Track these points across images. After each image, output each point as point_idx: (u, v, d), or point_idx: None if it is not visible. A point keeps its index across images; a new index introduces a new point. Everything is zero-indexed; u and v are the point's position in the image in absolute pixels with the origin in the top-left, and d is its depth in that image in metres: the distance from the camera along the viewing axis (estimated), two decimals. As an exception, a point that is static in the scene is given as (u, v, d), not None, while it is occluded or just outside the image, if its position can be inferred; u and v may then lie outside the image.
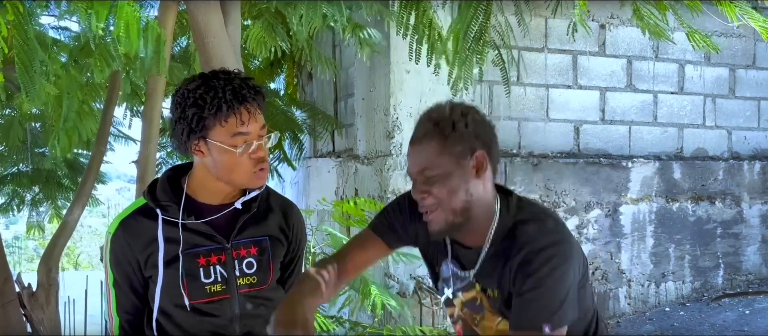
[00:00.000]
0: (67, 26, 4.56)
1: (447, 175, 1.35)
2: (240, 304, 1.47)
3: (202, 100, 1.35)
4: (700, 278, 5.05)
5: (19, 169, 5.82)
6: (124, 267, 1.44)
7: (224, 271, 1.45)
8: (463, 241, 1.44)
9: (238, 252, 1.46)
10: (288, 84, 5.84)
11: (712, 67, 5.27)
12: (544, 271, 1.33)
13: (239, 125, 1.37)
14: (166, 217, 1.42)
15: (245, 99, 1.37)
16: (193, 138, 1.38)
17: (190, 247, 1.42)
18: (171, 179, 1.48)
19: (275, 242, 1.51)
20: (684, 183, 4.99)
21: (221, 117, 1.35)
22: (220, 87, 1.35)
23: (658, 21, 2.38)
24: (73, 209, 4.64)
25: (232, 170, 1.40)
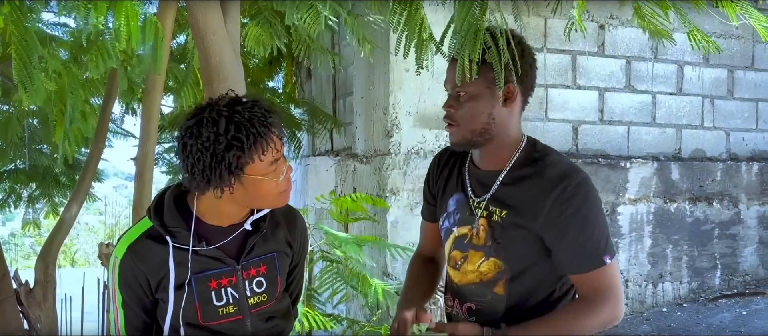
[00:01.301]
0: (65, 22, 4.56)
1: (475, 97, 1.44)
2: (252, 323, 1.47)
3: (238, 140, 1.29)
4: (697, 279, 5.06)
5: (16, 166, 5.81)
6: (134, 289, 1.42)
7: (235, 293, 1.44)
8: (481, 164, 1.52)
9: (247, 272, 1.45)
10: (287, 82, 5.84)
11: (711, 68, 5.28)
12: (588, 207, 1.40)
13: (275, 153, 1.35)
14: (176, 245, 1.39)
15: (273, 125, 1.34)
16: (228, 180, 1.32)
17: (200, 271, 1.41)
18: (177, 200, 1.43)
19: (282, 256, 1.51)
20: (682, 184, 5.00)
21: (260, 151, 1.32)
22: (246, 121, 1.30)
23: (661, 20, 2.38)
24: (71, 206, 4.63)
25: (265, 197, 1.39)
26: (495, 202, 1.46)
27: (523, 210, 1.42)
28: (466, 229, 1.50)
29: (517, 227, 1.43)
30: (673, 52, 5.09)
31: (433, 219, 1.64)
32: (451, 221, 1.54)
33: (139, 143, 3.47)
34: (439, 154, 1.65)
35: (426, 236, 1.71)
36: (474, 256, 1.49)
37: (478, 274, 1.48)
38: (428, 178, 1.65)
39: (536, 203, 1.40)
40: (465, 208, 1.51)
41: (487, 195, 1.47)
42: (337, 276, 3.39)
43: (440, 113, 4.90)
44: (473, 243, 1.49)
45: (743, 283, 5.17)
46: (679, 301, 4.96)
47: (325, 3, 2.48)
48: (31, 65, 1.68)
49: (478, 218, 1.47)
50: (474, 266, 1.49)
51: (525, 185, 1.43)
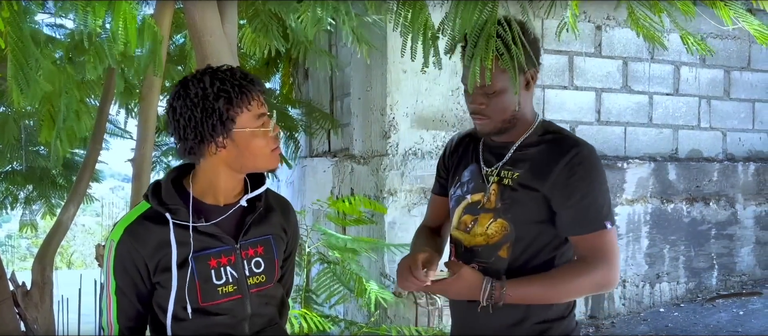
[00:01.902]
0: (62, 24, 4.55)
1: (504, 90, 1.54)
2: (251, 303, 1.48)
3: (225, 91, 1.36)
4: (694, 279, 5.07)
5: (13, 167, 5.79)
6: (130, 274, 1.41)
7: (235, 272, 1.45)
8: (497, 139, 1.62)
9: (246, 252, 1.47)
10: (284, 83, 5.84)
11: (707, 69, 5.29)
12: (595, 174, 1.52)
13: (260, 106, 1.41)
14: (176, 221, 1.40)
15: (255, 82, 1.42)
16: (221, 132, 1.37)
17: (200, 250, 1.42)
18: (174, 182, 1.46)
19: (278, 240, 1.53)
20: (679, 184, 5.01)
21: (247, 102, 1.38)
22: (231, 77, 1.38)
23: (653, 24, 2.38)
24: (68, 208, 4.61)
25: (256, 155, 1.42)
26: (507, 167, 1.58)
27: (534, 171, 1.54)
28: (479, 196, 1.60)
29: (527, 188, 1.53)
30: (669, 53, 5.10)
31: (443, 193, 1.76)
32: (465, 189, 1.64)
33: (136, 145, 3.47)
34: (457, 137, 1.77)
35: (434, 209, 1.82)
36: (483, 219, 1.59)
37: (485, 237, 1.58)
38: (444, 155, 1.77)
39: (548, 165, 1.52)
40: (478, 177, 1.62)
41: (500, 163, 1.59)
42: (335, 277, 3.39)
43: (437, 114, 4.89)
44: (485, 207, 1.59)
45: (740, 283, 5.19)
46: (677, 302, 4.97)
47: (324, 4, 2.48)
48: (28, 67, 1.67)
49: (490, 184, 1.59)
50: (483, 228, 1.58)
51: (538, 150, 1.57)
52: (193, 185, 1.46)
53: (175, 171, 1.50)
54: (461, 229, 1.63)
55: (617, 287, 4.84)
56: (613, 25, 4.98)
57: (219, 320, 1.45)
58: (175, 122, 1.38)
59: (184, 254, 1.40)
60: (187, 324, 1.43)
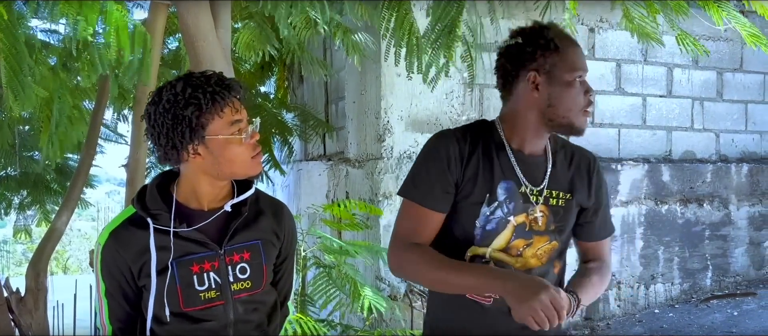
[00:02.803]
0: (55, 29, 4.54)
1: None
2: (234, 309, 1.46)
3: (195, 98, 1.35)
4: (688, 280, 5.09)
5: (7, 173, 5.78)
6: (116, 277, 1.42)
7: (218, 278, 1.44)
8: (526, 150, 1.54)
9: (231, 258, 1.45)
10: (278, 87, 5.84)
11: (700, 71, 5.32)
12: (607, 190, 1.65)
13: (234, 113, 1.39)
14: (157, 226, 1.40)
15: (232, 89, 1.40)
16: (193, 139, 1.36)
17: (182, 255, 1.41)
18: (160, 186, 1.46)
19: (268, 245, 1.51)
20: (673, 185, 5.03)
21: (218, 109, 1.37)
22: (205, 83, 1.37)
23: (648, 23, 2.40)
24: (62, 214, 4.61)
25: (233, 161, 1.41)
26: (552, 186, 1.54)
27: (579, 190, 1.57)
28: (523, 217, 1.51)
29: (574, 207, 1.56)
30: (662, 55, 5.13)
31: (448, 209, 1.52)
32: (505, 210, 1.50)
33: (130, 150, 3.46)
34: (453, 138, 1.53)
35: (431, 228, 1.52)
36: (538, 242, 1.53)
37: (537, 259, 1.53)
38: (449, 165, 1.50)
39: (585, 181, 1.58)
40: (517, 196, 1.51)
41: (544, 181, 1.53)
42: (330, 281, 3.39)
43: (432, 117, 4.90)
44: (534, 229, 1.52)
45: (734, 283, 5.21)
46: (671, 303, 4.99)
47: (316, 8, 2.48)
48: (22, 73, 1.67)
49: (537, 205, 1.52)
50: (534, 251, 1.53)
51: (566, 165, 1.57)
52: (177, 190, 1.45)
53: (161, 176, 1.50)
54: (511, 254, 1.52)
55: (612, 289, 4.85)
56: (606, 27, 5.00)
57: (201, 326, 1.44)
58: (151, 128, 1.39)
59: (165, 259, 1.40)
60: (169, 328, 1.42)
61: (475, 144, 1.53)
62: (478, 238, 1.52)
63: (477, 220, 1.51)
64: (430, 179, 1.52)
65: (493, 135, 1.54)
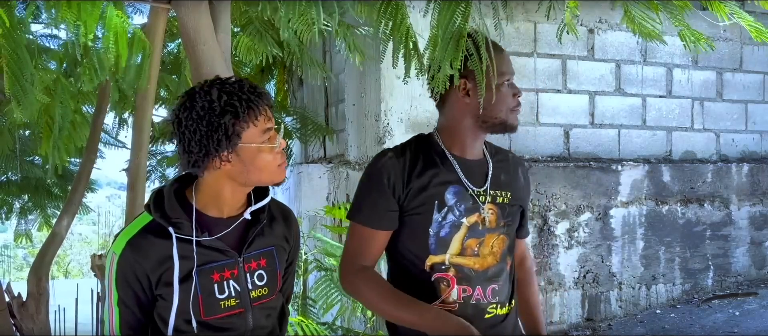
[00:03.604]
0: (56, 34, 4.55)
1: None
2: (254, 317, 1.46)
3: (231, 106, 1.33)
4: (690, 280, 5.08)
5: (8, 177, 5.78)
6: (132, 286, 1.39)
7: (237, 286, 1.44)
8: (467, 155, 1.63)
9: (249, 265, 1.45)
10: (278, 90, 5.84)
11: (700, 71, 5.32)
12: None
13: (267, 121, 1.39)
14: (180, 235, 1.38)
15: (263, 96, 1.39)
16: (226, 147, 1.34)
17: (203, 264, 1.40)
18: (177, 192, 1.44)
19: (280, 250, 1.52)
20: (673, 186, 5.03)
21: (253, 117, 1.36)
22: (239, 90, 1.36)
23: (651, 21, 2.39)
24: (63, 218, 4.61)
25: (262, 170, 1.40)
26: (495, 187, 1.63)
27: (518, 190, 1.69)
28: (475, 217, 1.59)
29: (517, 205, 1.68)
30: (662, 55, 5.13)
31: (395, 226, 1.59)
32: (457, 213, 1.57)
33: (131, 154, 3.46)
34: (393, 156, 1.60)
35: (376, 247, 1.60)
36: (489, 239, 1.61)
37: (493, 256, 1.61)
38: (389, 183, 1.56)
39: (521, 183, 1.71)
40: (467, 198, 1.59)
41: (488, 182, 1.62)
42: (332, 285, 3.39)
43: (432, 119, 4.91)
44: (487, 227, 1.60)
45: (735, 283, 5.20)
46: (673, 303, 4.98)
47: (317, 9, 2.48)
48: (24, 79, 1.67)
49: (485, 204, 1.60)
50: (489, 248, 1.61)
51: (504, 166, 1.69)
52: (196, 197, 1.43)
53: (177, 181, 1.47)
54: (468, 255, 1.58)
55: (613, 289, 4.85)
56: (606, 28, 5.01)
57: (221, 334, 1.43)
58: (180, 134, 1.36)
59: (187, 269, 1.38)
60: None
61: (416, 157, 1.60)
62: (433, 246, 1.57)
63: (430, 228, 1.56)
64: (372, 200, 1.58)
65: (433, 146, 1.63)
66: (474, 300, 1.59)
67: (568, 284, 4.68)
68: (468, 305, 1.58)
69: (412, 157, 1.60)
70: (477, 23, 1.53)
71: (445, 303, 1.58)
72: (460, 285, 1.58)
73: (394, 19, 1.59)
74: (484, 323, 1.58)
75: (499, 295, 1.62)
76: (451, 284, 1.57)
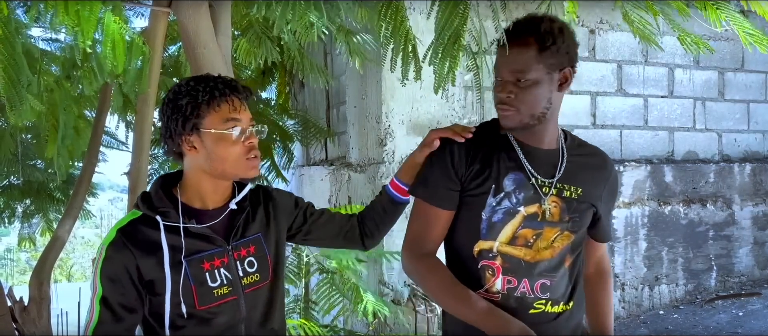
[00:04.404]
0: (57, 38, 4.55)
1: (536, 83, 1.48)
2: (246, 304, 1.48)
3: (194, 90, 1.41)
4: (693, 281, 5.07)
5: (10, 182, 5.78)
6: (119, 278, 1.37)
7: (229, 274, 1.46)
8: (536, 144, 1.56)
9: (238, 253, 1.48)
10: (279, 93, 5.84)
11: (701, 71, 5.31)
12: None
13: (231, 111, 1.42)
14: (167, 223, 1.41)
15: (235, 89, 1.44)
16: (187, 128, 1.41)
17: (193, 253, 1.42)
18: (163, 187, 1.48)
19: (267, 235, 1.55)
20: (675, 186, 5.02)
21: (214, 103, 1.41)
22: (210, 80, 1.43)
23: (648, 26, 2.39)
24: (64, 222, 4.61)
25: (225, 159, 1.43)
26: (565, 180, 1.56)
27: (593, 188, 1.60)
28: (535, 207, 1.53)
29: (588, 203, 1.59)
30: (663, 55, 5.12)
31: (453, 207, 1.57)
32: (514, 201, 1.53)
33: (132, 158, 3.46)
34: (444, 159, 1.58)
35: (439, 228, 1.58)
36: (549, 232, 1.54)
37: (551, 250, 1.54)
38: (451, 161, 1.55)
39: (600, 182, 1.62)
40: (528, 187, 1.53)
41: (557, 173, 1.55)
42: (334, 287, 3.39)
43: (433, 120, 4.89)
44: (547, 220, 1.54)
45: (739, 283, 5.19)
46: (676, 303, 4.97)
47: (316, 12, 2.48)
48: (20, 84, 1.68)
49: (548, 196, 1.54)
50: (548, 242, 1.54)
51: (590, 166, 1.62)
52: (181, 191, 1.48)
53: (162, 178, 1.51)
54: (520, 245, 1.53)
55: (616, 290, 4.84)
56: (607, 28, 5.00)
57: (216, 323, 1.44)
58: (161, 124, 1.46)
59: (177, 256, 1.40)
60: (186, 331, 1.42)
61: (482, 140, 1.58)
62: (484, 231, 1.53)
63: (483, 212, 1.53)
64: (435, 177, 1.57)
65: (498, 131, 1.58)
66: (519, 293, 1.53)
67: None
68: (511, 297, 1.53)
69: (478, 138, 1.58)
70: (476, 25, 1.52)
71: (488, 292, 1.54)
72: (506, 275, 1.53)
73: (394, 21, 1.59)
74: (529, 318, 1.51)
75: (551, 292, 1.55)
76: (496, 273, 1.54)
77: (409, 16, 1.82)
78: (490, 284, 1.54)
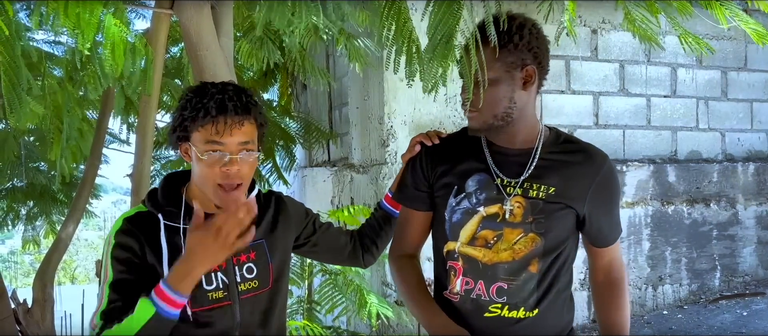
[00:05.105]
0: (60, 41, 4.56)
1: (495, 82, 1.44)
2: (241, 310, 1.47)
3: (189, 103, 1.39)
4: (697, 281, 5.05)
5: (13, 184, 5.80)
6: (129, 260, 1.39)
7: (225, 278, 1.45)
8: (506, 144, 1.52)
9: (238, 258, 1.46)
10: (282, 94, 5.84)
11: (704, 70, 5.29)
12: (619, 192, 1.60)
13: (213, 134, 1.37)
14: (167, 223, 1.42)
15: (225, 110, 1.37)
16: (178, 137, 1.42)
17: None
18: (170, 186, 1.49)
19: (272, 242, 1.53)
20: (679, 186, 5.00)
21: (198, 122, 1.38)
22: (209, 94, 1.38)
23: (650, 25, 2.38)
24: (67, 225, 4.62)
25: (203, 179, 1.41)
26: (534, 180, 1.49)
27: (570, 188, 1.49)
28: (496, 208, 1.49)
29: (560, 204, 1.49)
30: (666, 55, 5.11)
31: (427, 208, 1.59)
32: (474, 201, 1.50)
33: (135, 160, 3.47)
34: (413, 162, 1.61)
35: (414, 229, 1.61)
36: (510, 234, 1.49)
37: (511, 252, 1.49)
38: (420, 162, 1.59)
39: (583, 180, 1.50)
40: (491, 187, 1.50)
41: (524, 173, 1.49)
42: (336, 288, 3.38)
43: (435, 121, 4.88)
44: (508, 221, 1.48)
45: (743, 283, 5.17)
46: (680, 304, 4.95)
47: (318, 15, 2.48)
48: (20, 87, 1.68)
49: (511, 197, 1.48)
50: (508, 244, 1.48)
51: (565, 161, 1.51)
52: (187, 192, 1.48)
53: (171, 176, 1.52)
54: (479, 246, 1.50)
55: (620, 291, 4.83)
56: (609, 28, 4.99)
57: (210, 326, 1.43)
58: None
59: (175, 256, 1.39)
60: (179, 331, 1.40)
61: (455, 142, 1.59)
62: (448, 232, 1.53)
63: (445, 213, 1.53)
64: (406, 180, 1.62)
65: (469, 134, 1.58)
66: (474, 294, 1.51)
67: (574, 286, 4.65)
68: (468, 299, 1.52)
69: (447, 142, 1.59)
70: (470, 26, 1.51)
71: (451, 293, 1.54)
72: (465, 276, 1.52)
73: (396, 21, 1.58)
74: (484, 322, 1.50)
75: (509, 296, 1.49)
76: (458, 274, 1.53)
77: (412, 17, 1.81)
78: (452, 285, 1.54)
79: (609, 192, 1.54)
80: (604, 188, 1.52)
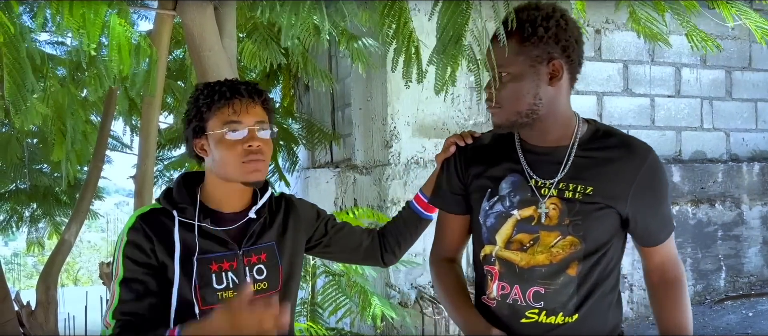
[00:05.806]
0: (62, 41, 4.57)
1: (518, 77, 1.37)
2: None
3: (201, 94, 1.45)
4: (702, 281, 5.03)
5: (17, 186, 5.80)
6: (140, 258, 1.40)
7: (236, 278, 1.46)
8: (541, 142, 1.44)
9: (248, 259, 1.48)
10: (284, 96, 5.84)
11: (708, 70, 5.28)
12: (667, 186, 1.46)
13: (231, 114, 1.43)
14: (182, 219, 1.44)
15: (238, 92, 1.44)
16: (196, 131, 1.45)
17: (203, 252, 1.44)
18: (185, 185, 1.51)
19: (282, 244, 1.54)
20: (683, 186, 4.99)
21: (215, 106, 1.43)
22: (216, 84, 1.47)
23: (656, 23, 2.37)
24: (71, 226, 4.62)
25: (226, 163, 1.43)
26: (570, 180, 1.40)
27: (609, 186, 1.39)
28: (531, 211, 1.42)
29: (599, 204, 1.39)
30: (669, 55, 5.10)
31: (462, 211, 1.54)
32: (508, 204, 1.44)
33: (138, 161, 3.46)
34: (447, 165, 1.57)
35: (452, 232, 1.57)
36: (546, 237, 1.41)
37: (548, 255, 1.41)
38: (455, 164, 1.54)
39: (624, 179, 1.39)
40: (525, 189, 1.43)
41: (559, 173, 1.41)
42: (340, 290, 3.38)
43: (439, 122, 4.88)
44: (543, 224, 1.41)
45: (748, 284, 5.15)
46: (685, 304, 4.93)
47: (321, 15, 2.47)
48: (25, 88, 1.68)
49: (546, 198, 1.41)
50: (545, 247, 1.41)
51: (608, 160, 1.41)
52: (201, 192, 1.50)
53: (188, 175, 1.54)
54: (516, 249, 1.44)
55: (625, 291, 4.81)
56: (613, 28, 4.97)
57: None
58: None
59: (188, 253, 1.42)
60: None
61: (484, 143, 1.53)
62: (485, 236, 1.48)
63: (480, 217, 1.48)
64: (441, 182, 1.58)
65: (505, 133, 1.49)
66: (511, 299, 1.45)
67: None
68: (504, 304, 1.46)
69: (481, 143, 1.53)
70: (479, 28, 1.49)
71: (489, 298, 1.49)
72: (501, 281, 1.46)
73: (397, 21, 1.57)
74: (521, 328, 1.44)
75: (547, 301, 1.42)
76: (494, 278, 1.47)
77: (414, 17, 1.81)
78: (489, 290, 1.49)
79: (654, 188, 1.42)
80: (647, 184, 1.40)
